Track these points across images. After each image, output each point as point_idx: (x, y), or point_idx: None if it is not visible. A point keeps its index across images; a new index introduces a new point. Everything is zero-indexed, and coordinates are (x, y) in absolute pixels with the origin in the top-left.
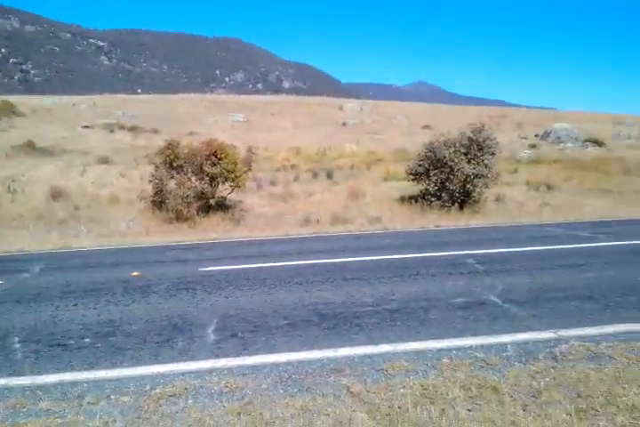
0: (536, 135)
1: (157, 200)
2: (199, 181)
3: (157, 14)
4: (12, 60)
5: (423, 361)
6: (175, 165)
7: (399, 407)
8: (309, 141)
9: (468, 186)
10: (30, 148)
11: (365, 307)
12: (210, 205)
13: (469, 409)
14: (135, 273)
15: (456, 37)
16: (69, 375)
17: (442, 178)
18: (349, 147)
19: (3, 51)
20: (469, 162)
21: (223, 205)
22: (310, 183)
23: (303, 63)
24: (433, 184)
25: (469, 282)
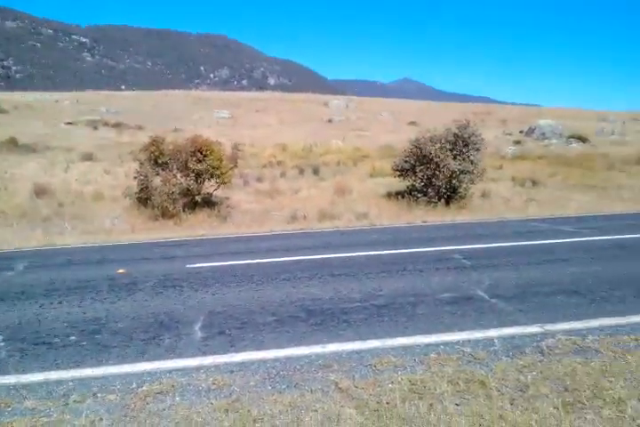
0: (521, 131)
1: (143, 197)
2: (185, 178)
3: (141, 10)
4: None
5: (411, 356)
6: (160, 161)
7: (387, 403)
8: (295, 138)
9: (454, 182)
10: (13, 144)
11: (353, 303)
12: (196, 201)
13: (457, 404)
14: (121, 270)
15: (441, 35)
16: (55, 374)
17: (428, 174)
18: (335, 143)
19: None
20: (455, 158)
21: (209, 202)
22: (297, 180)
23: (289, 60)
24: (419, 180)
25: (456, 277)
